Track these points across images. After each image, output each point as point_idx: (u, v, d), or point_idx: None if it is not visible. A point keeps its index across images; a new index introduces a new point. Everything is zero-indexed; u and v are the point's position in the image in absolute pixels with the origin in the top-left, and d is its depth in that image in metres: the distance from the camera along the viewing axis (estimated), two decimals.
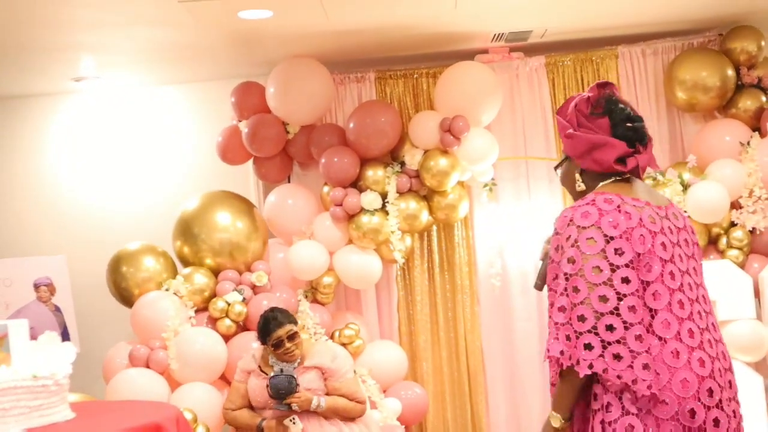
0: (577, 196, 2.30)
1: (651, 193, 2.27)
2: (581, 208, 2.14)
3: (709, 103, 4.50)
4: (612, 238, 2.08)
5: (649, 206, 2.17)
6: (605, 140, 2.19)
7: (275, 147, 4.58)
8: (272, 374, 3.55)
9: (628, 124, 2.21)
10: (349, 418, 3.69)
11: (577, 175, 2.28)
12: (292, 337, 3.60)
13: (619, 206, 2.12)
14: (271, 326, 3.59)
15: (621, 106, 2.24)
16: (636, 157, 2.20)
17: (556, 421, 2.18)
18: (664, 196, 2.36)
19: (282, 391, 3.50)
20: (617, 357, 2.03)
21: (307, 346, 3.76)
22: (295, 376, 3.54)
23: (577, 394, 2.16)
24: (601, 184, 2.23)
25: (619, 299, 2.05)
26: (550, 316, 2.17)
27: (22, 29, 3.75)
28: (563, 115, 2.29)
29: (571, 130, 2.24)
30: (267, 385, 3.54)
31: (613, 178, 2.22)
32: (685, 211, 4.16)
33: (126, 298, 4.32)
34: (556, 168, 2.42)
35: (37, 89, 4.98)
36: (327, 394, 3.64)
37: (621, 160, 2.19)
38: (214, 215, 4.39)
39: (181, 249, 4.42)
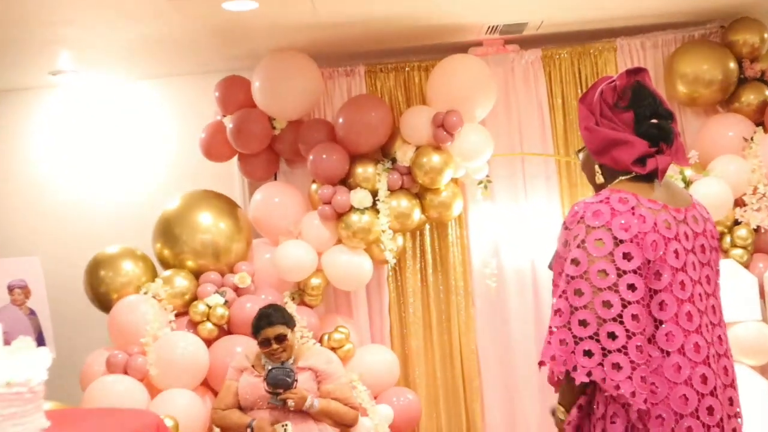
0: (597, 187, 2.25)
1: (672, 193, 2.21)
2: (594, 205, 2.10)
3: (710, 97, 4.51)
4: (622, 241, 2.04)
5: (666, 209, 2.12)
6: (626, 138, 2.12)
7: (261, 143, 4.56)
8: (271, 366, 3.58)
9: (654, 121, 2.14)
10: (341, 424, 3.68)
11: (597, 167, 2.24)
12: (280, 339, 3.63)
13: (633, 208, 2.07)
14: (262, 323, 3.65)
15: (649, 99, 2.16)
16: (656, 158, 2.13)
17: (562, 414, 2.17)
18: (687, 195, 2.29)
19: (280, 384, 3.53)
20: (617, 366, 2.01)
21: (301, 348, 3.81)
22: (295, 371, 3.57)
23: (581, 391, 2.14)
24: (618, 179, 2.17)
25: (624, 306, 2.02)
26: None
27: None
28: (587, 103, 2.21)
29: (592, 124, 2.17)
30: (264, 378, 3.57)
31: (632, 174, 2.15)
32: None
33: (104, 303, 4.29)
34: (577, 152, 2.39)
35: (11, 83, 4.95)
36: (320, 397, 3.64)
37: (640, 160, 2.13)
38: (196, 215, 4.38)
39: (162, 251, 4.40)
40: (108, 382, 3.94)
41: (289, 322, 3.70)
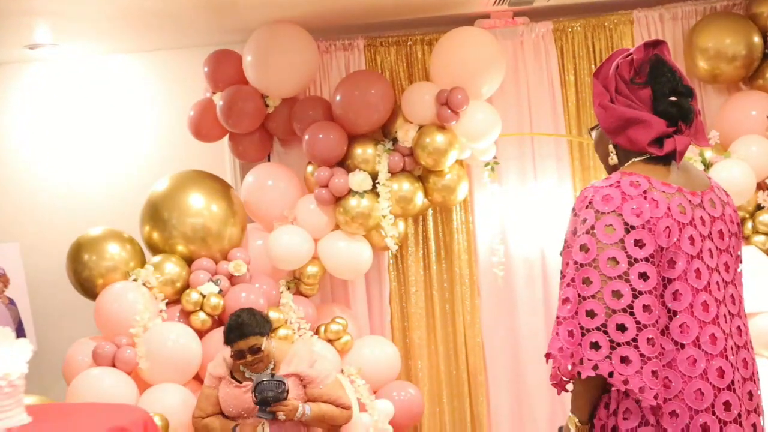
0: (610, 169, 2.26)
1: (688, 176, 2.21)
2: (603, 189, 2.10)
3: (733, 73, 4.51)
4: (633, 227, 2.05)
5: (680, 192, 2.12)
6: (642, 117, 2.12)
7: (253, 122, 4.56)
8: (258, 379, 3.55)
9: (673, 99, 2.14)
10: (335, 425, 3.71)
11: (611, 147, 2.23)
12: (254, 351, 3.61)
13: (645, 192, 2.08)
14: (233, 336, 3.62)
15: (668, 75, 2.15)
16: (675, 139, 2.12)
17: (572, 424, 2.18)
18: (705, 177, 2.29)
19: (270, 398, 3.51)
20: (625, 360, 2.02)
21: (283, 348, 3.79)
22: (285, 381, 3.55)
23: (596, 394, 2.15)
24: (632, 160, 2.18)
25: (635, 296, 2.03)
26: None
27: None
28: (601, 78, 2.21)
29: (606, 101, 2.18)
30: (252, 391, 3.55)
31: (647, 155, 2.16)
32: None
33: (88, 289, 4.30)
34: (590, 131, 2.39)
35: None
36: (308, 401, 3.66)
37: (657, 140, 2.13)
38: (186, 197, 4.37)
39: (150, 235, 4.40)
40: (94, 375, 3.95)
41: (263, 329, 3.65)
